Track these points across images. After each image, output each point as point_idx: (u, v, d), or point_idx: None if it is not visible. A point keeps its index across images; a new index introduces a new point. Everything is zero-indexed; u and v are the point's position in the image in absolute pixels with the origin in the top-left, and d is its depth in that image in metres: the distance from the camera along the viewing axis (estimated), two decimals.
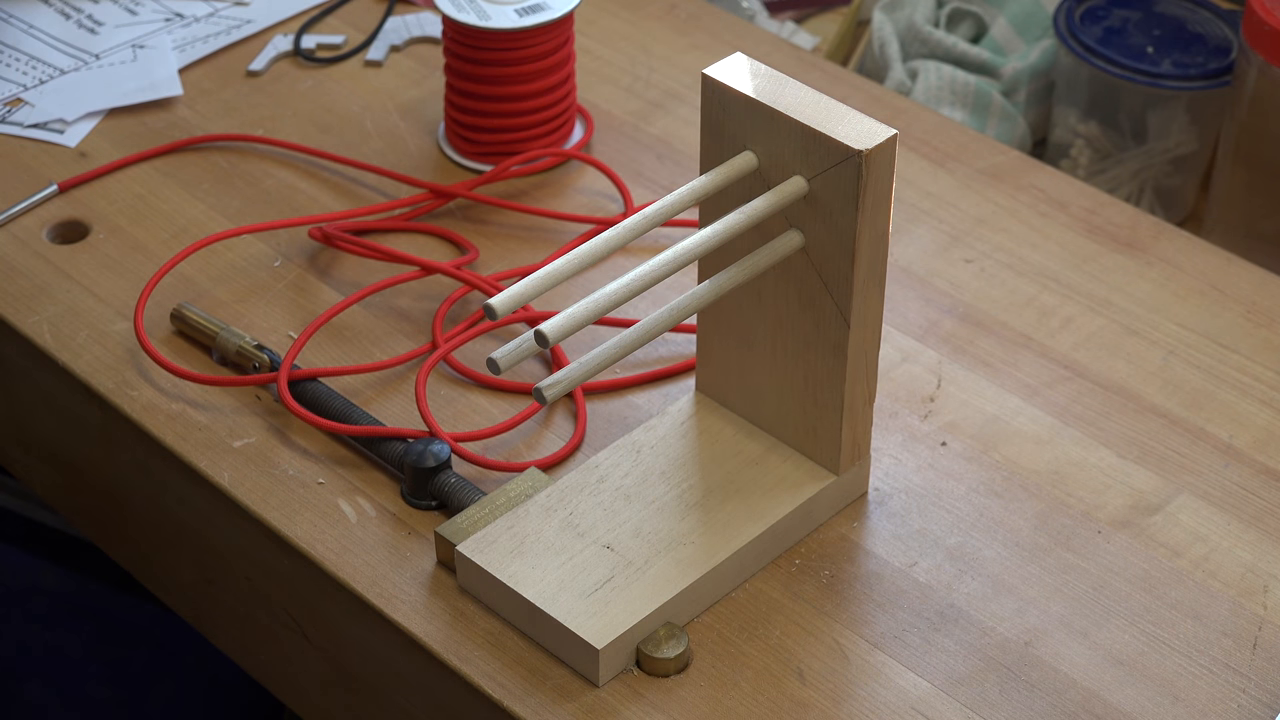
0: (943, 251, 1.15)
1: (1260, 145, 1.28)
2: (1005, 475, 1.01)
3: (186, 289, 1.12)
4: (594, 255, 0.85)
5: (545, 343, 0.81)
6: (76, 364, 1.07)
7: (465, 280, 1.11)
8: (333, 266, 1.14)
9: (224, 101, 1.27)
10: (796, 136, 0.88)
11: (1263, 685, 0.91)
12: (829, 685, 0.91)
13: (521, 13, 1.17)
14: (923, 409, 1.05)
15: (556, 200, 1.19)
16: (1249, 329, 1.10)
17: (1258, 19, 1.23)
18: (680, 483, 0.97)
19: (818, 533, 0.98)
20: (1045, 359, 1.08)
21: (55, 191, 1.19)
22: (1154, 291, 1.13)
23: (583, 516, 0.95)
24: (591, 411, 1.04)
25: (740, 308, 0.96)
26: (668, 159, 1.22)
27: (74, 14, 1.34)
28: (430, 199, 1.18)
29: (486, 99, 1.19)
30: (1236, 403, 1.05)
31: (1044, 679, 0.91)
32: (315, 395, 1.04)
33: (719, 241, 0.87)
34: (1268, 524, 0.99)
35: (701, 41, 1.33)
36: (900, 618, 0.94)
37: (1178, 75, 1.32)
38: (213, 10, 1.35)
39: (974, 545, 0.97)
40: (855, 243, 0.89)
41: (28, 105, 1.26)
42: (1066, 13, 1.36)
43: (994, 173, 1.21)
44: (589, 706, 0.90)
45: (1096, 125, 1.36)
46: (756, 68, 0.91)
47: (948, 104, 1.37)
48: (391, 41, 1.32)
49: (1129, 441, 1.03)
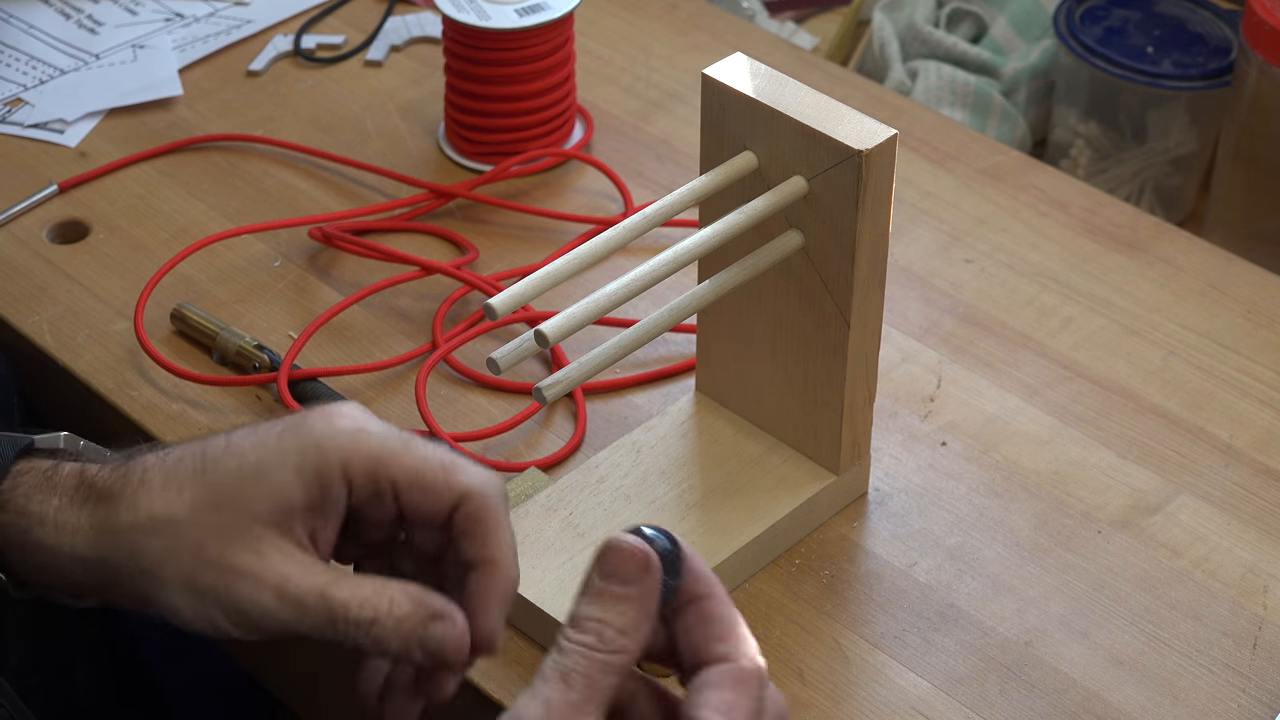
0: (943, 251, 1.15)
1: (1260, 145, 1.28)
2: (1005, 475, 1.01)
3: (186, 289, 1.12)
4: (594, 255, 0.85)
5: (545, 343, 0.81)
6: (76, 364, 1.07)
7: (465, 280, 1.11)
8: (333, 266, 1.14)
9: (224, 101, 1.27)
10: (796, 136, 0.88)
11: (1263, 685, 0.91)
12: (829, 685, 0.91)
13: (521, 13, 1.17)
14: (923, 409, 1.05)
15: (556, 200, 1.19)
16: (1249, 329, 1.10)
17: (1258, 19, 1.23)
18: (680, 483, 0.97)
19: (818, 533, 0.98)
20: (1045, 359, 1.08)
21: (55, 191, 1.19)
22: (1154, 291, 1.13)
23: (583, 516, 0.95)
24: (591, 411, 1.04)
25: (740, 308, 0.96)
26: (668, 159, 1.22)
27: (74, 14, 1.34)
28: (430, 199, 1.18)
29: (486, 99, 1.19)
30: (1236, 403, 1.05)
31: (1044, 679, 0.91)
32: (315, 395, 1.04)
33: (719, 241, 0.87)
34: (1268, 524, 0.99)
35: (701, 41, 1.33)
36: (900, 618, 0.94)
37: (1178, 75, 1.32)
38: (213, 10, 1.35)
39: (974, 545, 0.97)
40: (855, 243, 0.89)
41: (28, 105, 1.26)
42: (1066, 13, 1.36)
43: (994, 173, 1.21)
44: None
45: (1096, 125, 1.36)
46: (756, 68, 0.91)
47: (948, 104, 1.37)
48: (391, 41, 1.32)
49: (1129, 441, 1.03)
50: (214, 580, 0.75)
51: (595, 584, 0.71)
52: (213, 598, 0.75)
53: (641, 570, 0.71)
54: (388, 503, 0.77)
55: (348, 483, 0.76)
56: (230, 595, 0.75)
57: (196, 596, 0.75)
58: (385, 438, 0.77)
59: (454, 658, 0.74)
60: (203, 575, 0.75)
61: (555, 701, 0.69)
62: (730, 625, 0.74)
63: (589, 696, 0.70)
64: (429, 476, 0.76)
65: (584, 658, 0.70)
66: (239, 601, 0.75)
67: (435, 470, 0.76)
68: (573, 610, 0.71)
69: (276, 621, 0.75)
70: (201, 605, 0.75)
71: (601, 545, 0.72)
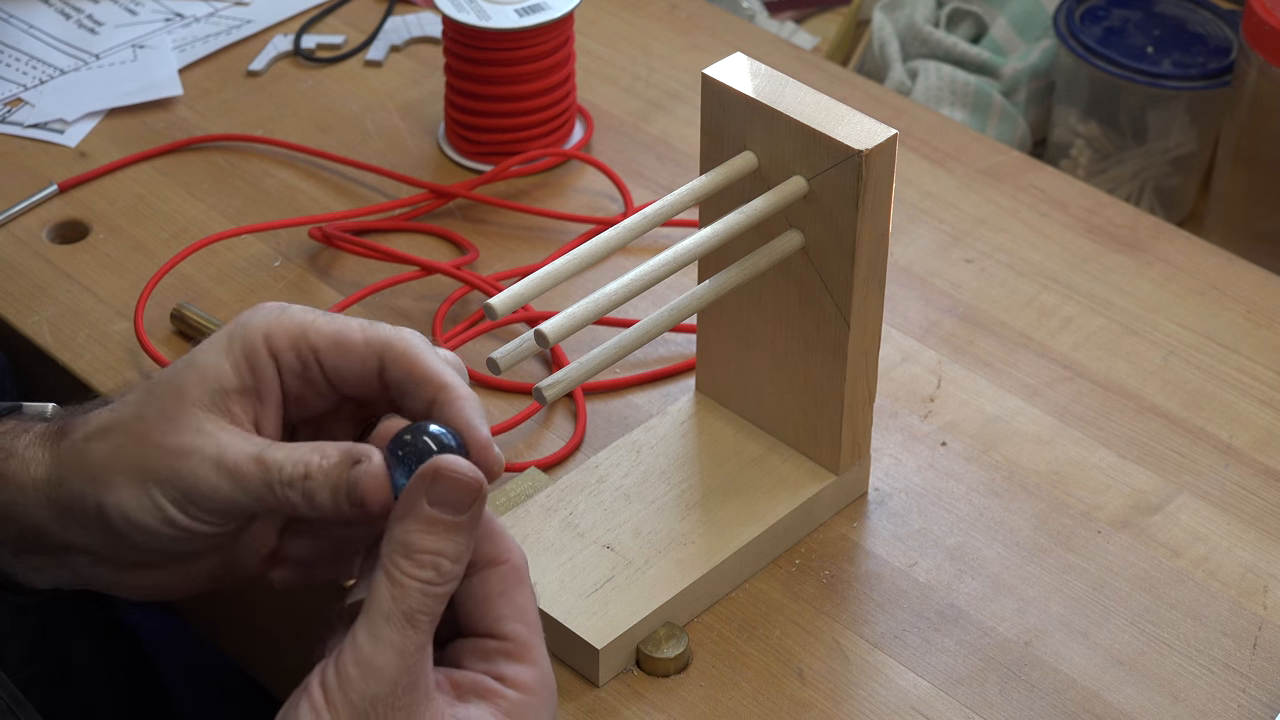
0: (943, 251, 1.15)
1: (1260, 145, 1.28)
2: (1005, 475, 1.01)
3: (186, 289, 1.12)
4: (594, 255, 0.85)
5: (545, 343, 0.81)
6: (76, 364, 1.07)
7: (465, 280, 1.11)
8: (333, 266, 1.14)
9: (224, 101, 1.27)
10: (796, 136, 0.88)
11: (1263, 685, 0.91)
12: (829, 685, 0.91)
13: (521, 13, 1.17)
14: (923, 409, 1.05)
15: (556, 200, 1.19)
16: (1249, 329, 1.10)
17: (1258, 19, 1.23)
18: (680, 483, 0.97)
19: (818, 533, 0.98)
20: (1045, 359, 1.08)
21: (55, 191, 1.19)
22: (1154, 291, 1.13)
23: (583, 516, 0.95)
24: (591, 411, 1.04)
25: (740, 308, 0.96)
26: (668, 159, 1.22)
27: (74, 14, 1.34)
28: (430, 199, 1.18)
29: (486, 99, 1.19)
30: (1236, 403, 1.05)
31: (1044, 679, 0.91)
32: None
33: (719, 241, 0.87)
34: (1268, 524, 0.99)
35: (701, 41, 1.33)
36: (900, 618, 0.94)
37: (1178, 75, 1.32)
38: (213, 10, 1.35)
39: (974, 545, 0.97)
40: (855, 243, 0.89)
41: (28, 105, 1.26)
42: (1066, 13, 1.36)
43: (994, 173, 1.21)
44: (589, 706, 0.90)
45: (1096, 125, 1.36)
46: (756, 68, 0.91)
47: (948, 104, 1.37)
48: (391, 41, 1.32)
49: (1129, 441, 1.03)
50: (157, 464, 0.75)
51: (426, 511, 0.71)
52: (156, 482, 0.75)
53: (474, 498, 0.72)
54: (315, 373, 0.77)
55: (274, 357, 0.77)
56: (173, 475, 0.75)
57: (142, 488, 0.76)
58: (306, 311, 0.78)
59: (371, 498, 0.73)
60: (147, 462, 0.76)
61: (407, 648, 0.70)
62: (487, 523, 0.74)
63: (431, 634, 0.71)
64: (346, 335, 0.76)
65: (425, 594, 0.71)
66: (181, 480, 0.75)
67: (353, 329, 0.77)
68: (398, 535, 0.71)
69: (220, 496, 0.74)
70: (147, 497, 0.75)
71: (431, 469, 0.71)
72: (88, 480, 0.77)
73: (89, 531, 0.78)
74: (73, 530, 0.78)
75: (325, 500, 0.74)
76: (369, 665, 0.70)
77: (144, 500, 0.76)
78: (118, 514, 0.76)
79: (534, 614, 0.75)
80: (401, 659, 0.70)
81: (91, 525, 0.77)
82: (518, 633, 0.74)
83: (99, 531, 0.77)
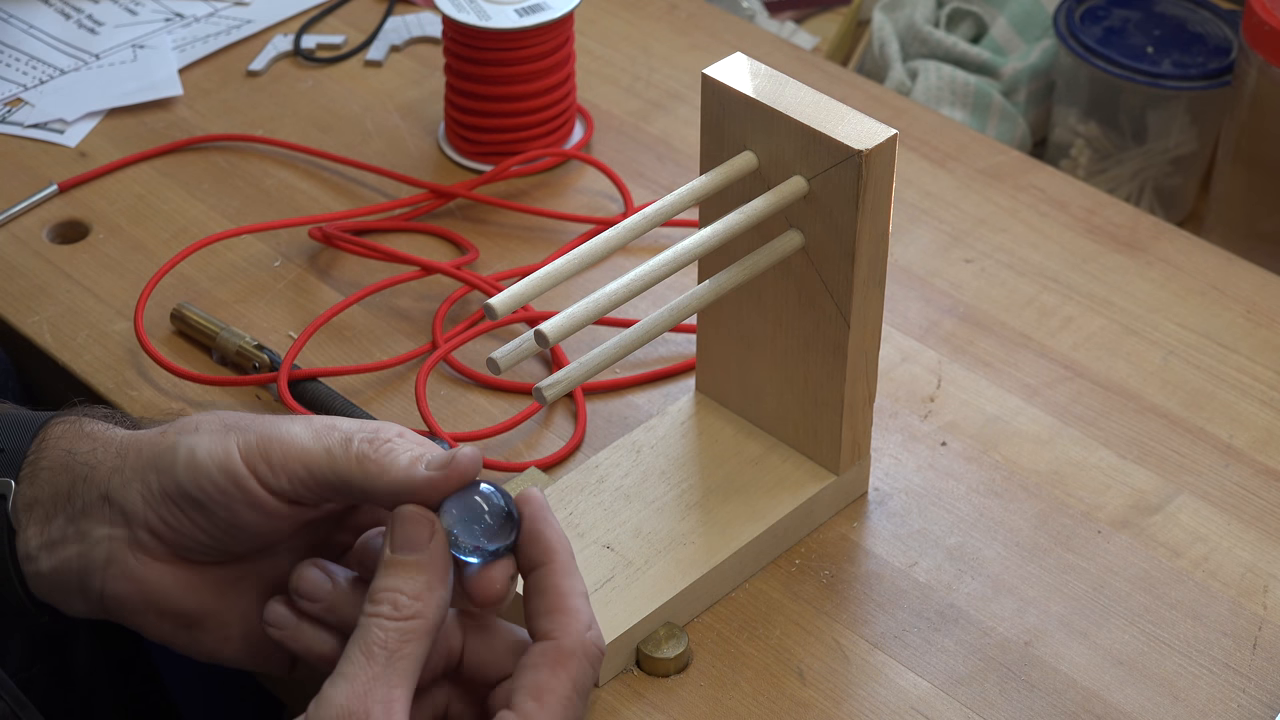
0: (943, 251, 1.15)
1: (1260, 145, 1.28)
2: (1005, 475, 1.01)
3: (186, 289, 1.12)
4: (594, 255, 0.85)
5: (545, 343, 0.81)
6: (76, 364, 1.07)
7: (465, 280, 1.11)
8: (333, 266, 1.14)
9: (224, 101, 1.27)
10: (796, 136, 0.88)
11: (1263, 685, 0.91)
12: (829, 685, 0.91)
13: (521, 13, 1.17)
14: (923, 409, 1.05)
15: (556, 200, 1.20)
16: (1249, 329, 1.10)
17: (1258, 19, 1.23)
18: (680, 483, 0.97)
19: (818, 533, 0.98)
20: (1045, 359, 1.08)
21: (55, 191, 1.19)
22: (1154, 291, 1.13)
23: (583, 516, 0.95)
24: (591, 411, 1.04)
25: (740, 308, 0.96)
26: (668, 159, 1.22)
27: (74, 14, 1.34)
28: (430, 199, 1.18)
29: (486, 99, 1.19)
30: (1236, 403, 1.05)
31: (1044, 679, 0.91)
32: (315, 395, 1.04)
33: (719, 241, 0.87)
34: (1268, 524, 0.99)
35: (701, 41, 1.33)
36: (900, 618, 0.94)
37: (1178, 75, 1.32)
38: (213, 10, 1.35)
39: (974, 545, 0.97)
40: (855, 243, 0.89)
41: (28, 105, 1.26)
42: (1066, 13, 1.36)
43: (994, 173, 1.21)
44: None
45: (1096, 125, 1.36)
46: (756, 68, 0.91)
47: (948, 104, 1.37)
48: (391, 41, 1.32)
49: (1129, 441, 1.03)
50: (248, 424, 0.78)
51: (385, 556, 0.74)
52: (239, 430, 0.78)
53: (427, 535, 0.73)
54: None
55: None
56: (259, 424, 0.78)
57: (221, 434, 0.78)
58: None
59: (464, 460, 0.77)
60: (240, 422, 0.79)
61: (359, 677, 0.71)
62: (559, 597, 0.75)
63: (392, 666, 0.72)
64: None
65: (380, 629, 0.72)
66: (264, 426, 0.77)
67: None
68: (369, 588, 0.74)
69: (295, 447, 0.77)
70: (222, 444, 0.77)
71: (392, 516, 0.74)
72: (172, 433, 0.80)
73: (143, 484, 0.79)
74: (131, 488, 0.79)
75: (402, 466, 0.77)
76: (321, 696, 0.72)
77: (217, 444, 0.77)
78: (185, 450, 0.78)
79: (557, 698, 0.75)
80: (351, 686, 0.72)
81: (146, 473, 0.79)
82: (526, 708, 0.74)
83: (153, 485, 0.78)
